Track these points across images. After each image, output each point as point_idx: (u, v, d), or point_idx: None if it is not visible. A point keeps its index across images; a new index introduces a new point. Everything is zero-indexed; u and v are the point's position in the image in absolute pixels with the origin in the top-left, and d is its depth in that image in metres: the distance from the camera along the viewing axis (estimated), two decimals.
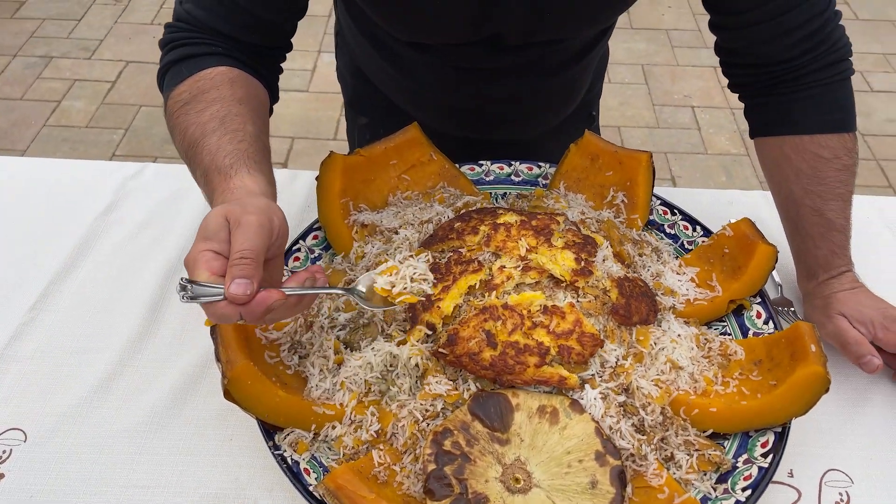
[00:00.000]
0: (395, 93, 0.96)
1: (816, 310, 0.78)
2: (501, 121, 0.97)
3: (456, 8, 0.73)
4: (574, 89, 0.98)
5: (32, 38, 2.57)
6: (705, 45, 2.64)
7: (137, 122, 2.26)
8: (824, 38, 0.75)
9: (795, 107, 0.77)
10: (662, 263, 0.76)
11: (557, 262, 0.66)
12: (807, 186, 0.77)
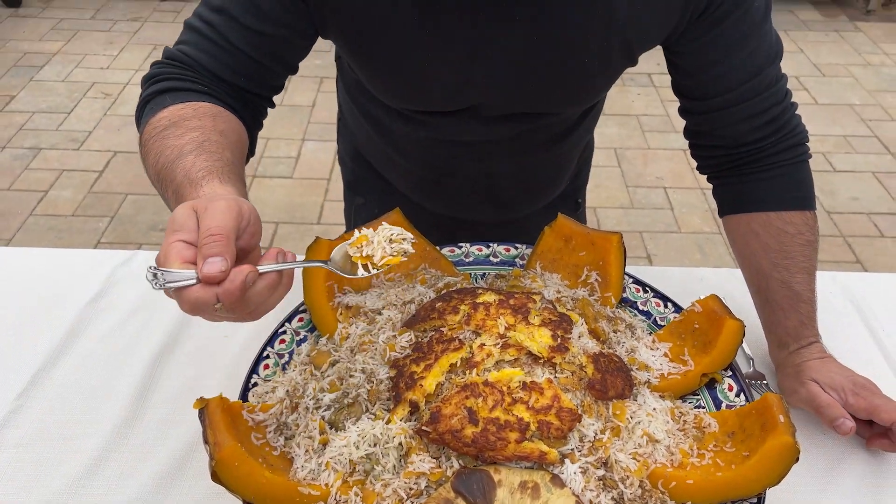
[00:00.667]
0: (390, 172, 1.02)
1: (789, 377, 0.81)
2: (489, 200, 1.01)
3: (438, 74, 0.78)
4: (560, 169, 1.03)
5: (22, 131, 2.64)
6: (674, 130, 2.76)
7: (123, 209, 2.30)
8: (784, 124, 0.83)
9: (761, 186, 0.84)
10: (636, 339, 0.79)
11: (535, 340, 0.69)
12: (774, 260, 0.82)
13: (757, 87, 0.80)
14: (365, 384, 0.68)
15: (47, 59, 3.08)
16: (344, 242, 0.65)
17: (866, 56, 3.27)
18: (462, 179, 0.97)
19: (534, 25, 0.75)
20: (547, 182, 1.04)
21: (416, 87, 0.81)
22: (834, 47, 3.35)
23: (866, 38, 3.43)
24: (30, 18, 3.40)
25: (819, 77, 3.11)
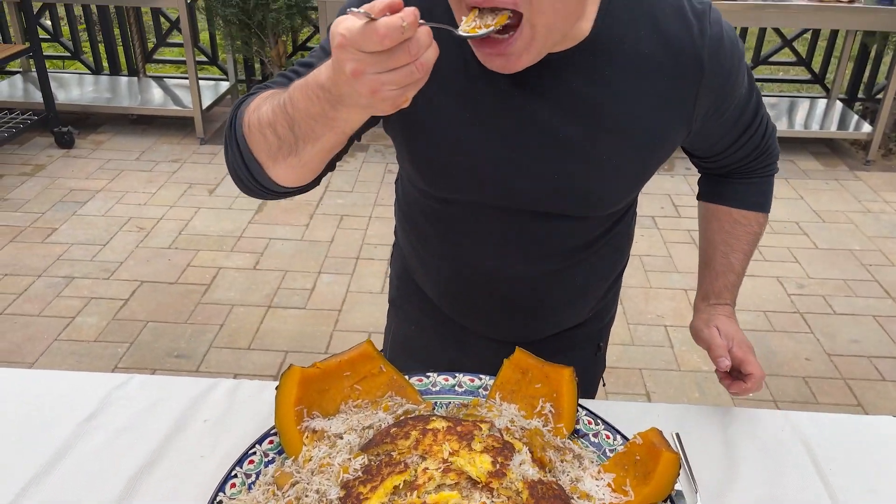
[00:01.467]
0: (427, 284, 1.11)
1: (700, 321, 1.09)
2: (517, 310, 1.07)
3: (475, 158, 0.89)
4: (588, 283, 1.07)
5: (59, 261, 2.82)
6: (676, 270, 2.84)
7: (143, 336, 2.42)
8: (763, 152, 1.05)
9: (734, 189, 1.09)
10: (583, 469, 0.84)
11: (475, 465, 0.74)
12: (724, 238, 1.09)
13: (742, 142, 1.01)
14: (310, 495, 0.74)
15: (91, 195, 3.34)
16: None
17: (866, 203, 3.38)
18: (487, 287, 1.04)
19: (563, 111, 0.86)
20: (577, 294, 1.08)
21: (456, 171, 0.91)
22: (834, 195, 3.47)
23: (866, 186, 3.57)
24: (80, 158, 3.71)
25: (819, 223, 3.21)
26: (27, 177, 3.50)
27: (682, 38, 0.85)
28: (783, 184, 3.58)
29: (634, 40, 0.85)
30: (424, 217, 1.04)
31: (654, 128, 0.88)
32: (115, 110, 4.02)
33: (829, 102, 4.22)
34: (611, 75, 0.85)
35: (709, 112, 0.91)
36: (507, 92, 0.85)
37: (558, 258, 1.01)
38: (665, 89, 0.86)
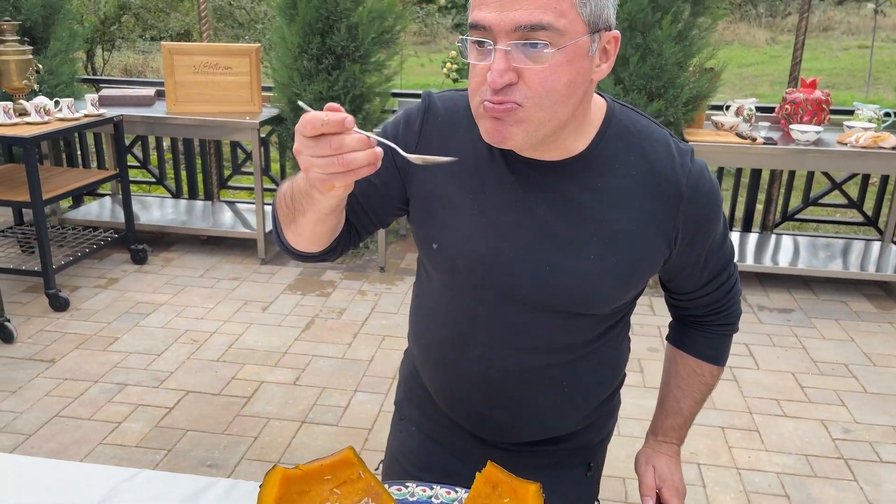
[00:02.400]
0: (430, 381, 1.19)
1: (643, 453, 1.25)
2: (505, 403, 1.11)
3: (476, 246, 1.01)
4: (576, 389, 1.12)
5: (115, 368, 3.00)
6: (714, 407, 2.79)
7: (181, 444, 2.51)
8: (724, 309, 1.17)
9: (695, 338, 1.20)
10: None
11: None
12: (679, 382, 1.22)
13: (709, 289, 1.13)
14: None
15: (155, 308, 3.57)
16: None
17: None
18: (481, 378, 1.10)
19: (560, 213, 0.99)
20: (564, 401, 1.13)
21: (464, 257, 1.02)
22: (887, 338, 3.38)
23: None
24: (150, 274, 3.99)
25: (870, 366, 3.12)
26: (101, 289, 3.78)
27: (666, 166, 0.99)
28: (833, 325, 3.51)
29: (624, 162, 0.99)
30: (432, 306, 1.14)
31: (638, 240, 0.99)
32: (188, 231, 4.35)
33: (884, 244, 4.18)
34: (601, 187, 0.98)
35: (685, 239, 1.02)
36: (512, 188, 0.99)
37: (546, 354, 1.07)
38: (649, 208, 0.98)
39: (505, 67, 0.84)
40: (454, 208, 1.01)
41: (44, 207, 3.40)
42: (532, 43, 0.83)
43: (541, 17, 0.82)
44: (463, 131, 1.01)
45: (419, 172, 1.03)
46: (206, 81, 4.06)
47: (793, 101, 3.83)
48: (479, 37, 0.86)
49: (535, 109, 0.87)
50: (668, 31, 3.45)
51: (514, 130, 0.88)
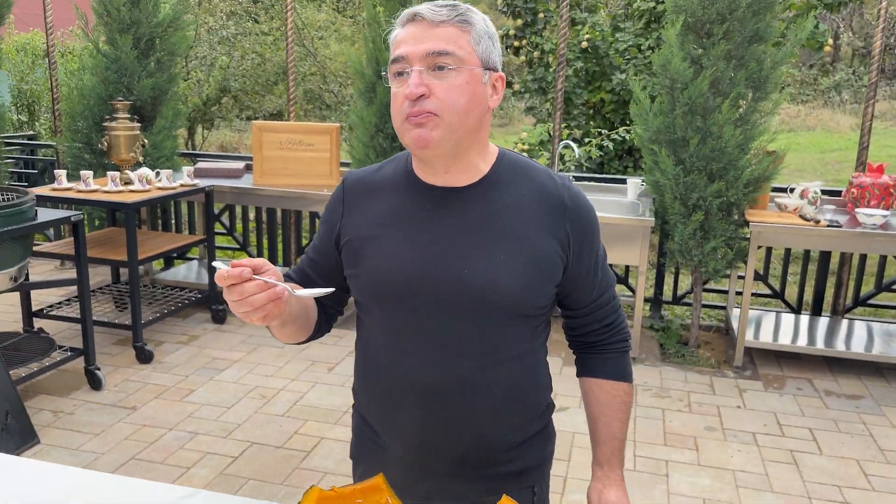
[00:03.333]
0: (374, 411, 1.31)
1: (594, 488, 1.33)
2: (442, 414, 1.21)
3: (402, 266, 1.19)
4: (504, 399, 1.22)
5: (189, 418, 3.21)
6: (771, 490, 2.73)
7: (242, 491, 2.65)
8: (614, 326, 1.33)
9: (599, 362, 1.34)
10: None
11: None
12: (601, 409, 1.33)
13: (600, 305, 1.31)
14: None
15: (229, 364, 3.79)
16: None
17: None
18: (416, 394, 1.21)
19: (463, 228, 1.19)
20: (488, 408, 1.22)
21: (393, 277, 1.20)
22: None
23: None
24: (227, 333, 4.25)
25: None
26: (182, 344, 4.05)
27: (550, 186, 1.23)
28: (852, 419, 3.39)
29: (517, 184, 1.22)
30: (367, 343, 1.29)
31: (538, 243, 1.19)
32: None
33: None
34: (502, 203, 1.20)
35: (575, 248, 1.22)
36: (428, 215, 1.20)
37: (474, 359, 1.19)
38: (544, 218, 1.20)
39: (419, 82, 1.10)
40: (378, 242, 1.22)
41: (138, 267, 3.73)
42: (440, 66, 1.10)
43: (445, 46, 1.11)
44: (387, 187, 1.26)
45: (346, 227, 1.26)
46: (289, 156, 4.40)
47: (859, 184, 3.82)
48: (399, 68, 1.13)
49: (446, 115, 1.11)
50: (727, 115, 3.56)
51: (433, 134, 1.11)
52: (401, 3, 4.15)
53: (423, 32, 1.12)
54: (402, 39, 1.14)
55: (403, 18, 1.16)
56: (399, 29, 1.16)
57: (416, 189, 1.23)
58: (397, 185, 1.25)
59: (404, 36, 1.14)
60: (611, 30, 7.12)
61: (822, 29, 6.38)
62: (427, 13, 1.13)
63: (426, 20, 1.13)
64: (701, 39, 3.69)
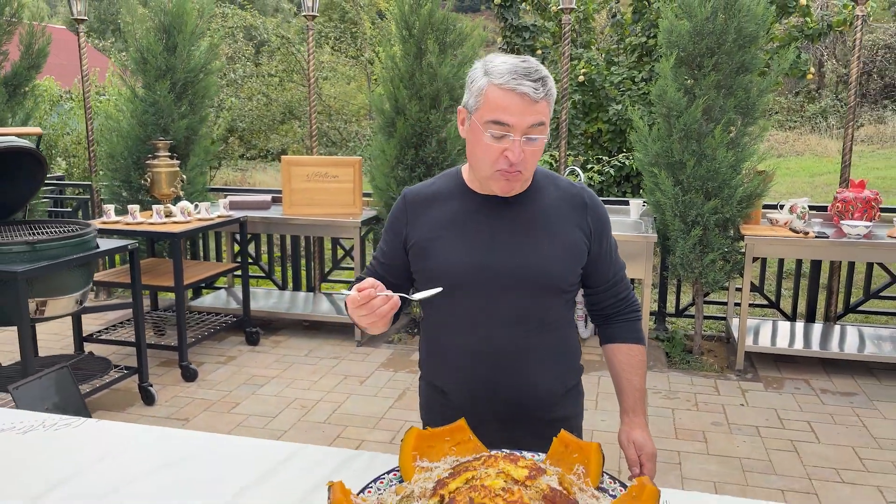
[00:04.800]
0: (447, 380, 1.60)
1: (623, 432, 1.60)
2: (504, 372, 1.53)
3: (463, 261, 1.50)
4: (547, 359, 1.56)
5: (238, 427, 3.48)
6: (774, 472, 3.01)
7: None
8: (626, 300, 1.66)
9: (617, 330, 1.65)
10: (596, 499, 1.24)
11: (518, 472, 1.18)
12: (623, 367, 1.63)
13: (616, 282, 1.63)
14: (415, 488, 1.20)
15: (268, 380, 4.08)
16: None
17: None
18: (483, 358, 1.54)
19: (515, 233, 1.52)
20: (537, 366, 1.55)
21: (457, 269, 1.51)
22: None
23: None
24: (262, 353, 4.53)
25: None
26: (221, 364, 4.34)
27: (571, 189, 1.57)
28: (892, 407, 3.68)
29: (548, 191, 1.55)
30: (434, 324, 1.61)
31: (568, 234, 1.53)
32: (294, 317, 4.92)
33: None
34: (540, 205, 1.53)
35: (595, 236, 1.56)
36: (483, 220, 1.53)
37: (527, 327, 1.53)
38: (571, 215, 1.54)
39: (521, 152, 1.39)
40: (442, 241, 1.52)
41: (184, 291, 4.04)
42: (532, 136, 1.39)
43: (541, 118, 1.38)
44: (443, 195, 1.57)
45: (412, 232, 1.56)
46: (316, 188, 4.74)
47: (843, 199, 4.17)
48: (502, 131, 1.38)
49: (527, 173, 1.45)
50: (719, 138, 3.92)
51: (516, 186, 1.47)
52: (416, 46, 4.53)
53: (526, 108, 1.35)
54: (506, 108, 1.35)
55: (505, 82, 1.35)
56: (496, 87, 1.36)
57: (471, 198, 1.55)
58: (452, 195, 1.56)
59: (508, 105, 1.35)
60: (605, 64, 7.55)
61: (804, 58, 6.80)
62: (531, 92, 1.34)
63: (529, 96, 1.34)
64: (693, 71, 4.07)
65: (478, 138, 1.42)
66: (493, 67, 1.39)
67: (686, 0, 4.01)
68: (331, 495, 1.17)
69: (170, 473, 1.47)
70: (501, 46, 7.84)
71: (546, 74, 1.39)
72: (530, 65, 1.38)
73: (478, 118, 1.41)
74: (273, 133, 14.29)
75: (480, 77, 1.41)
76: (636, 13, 7.39)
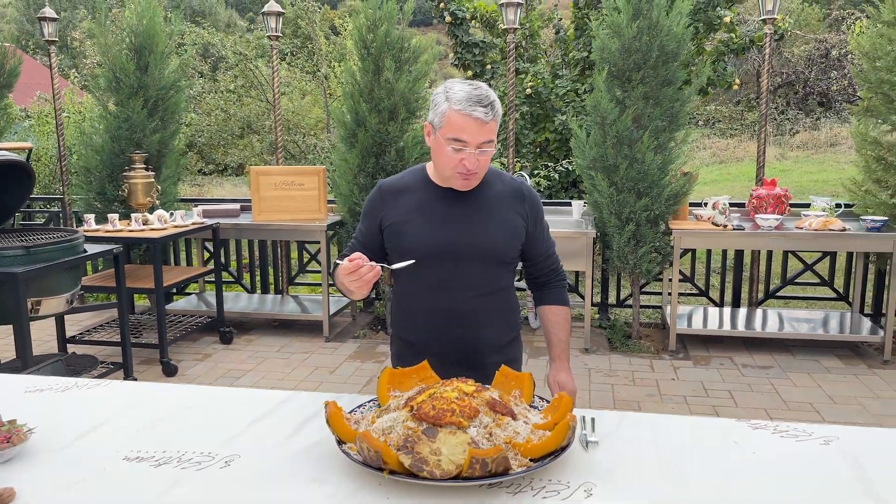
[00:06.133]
0: (416, 335, 2.00)
1: (551, 375, 2.01)
2: (462, 327, 1.94)
3: (431, 234, 1.89)
4: (496, 319, 1.98)
5: None
6: None
7: None
8: (555, 271, 2.08)
9: (551, 295, 2.06)
10: (527, 410, 1.64)
11: (468, 388, 1.58)
12: (553, 325, 2.03)
13: (548, 259, 2.04)
14: (391, 404, 1.59)
15: (244, 373, 4.40)
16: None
17: (877, 391, 3.93)
18: (444, 315, 1.94)
19: (469, 217, 1.91)
20: (488, 323, 1.97)
21: (422, 244, 1.89)
22: (850, 386, 4.04)
23: (881, 380, 4.11)
24: (236, 350, 4.85)
25: (830, 404, 3.78)
26: (199, 361, 4.64)
27: (512, 183, 1.97)
28: (805, 377, 4.19)
29: (495, 184, 1.95)
30: (405, 290, 2.01)
31: (511, 218, 1.92)
32: (265, 316, 5.25)
33: (853, 315, 4.88)
34: (489, 195, 1.92)
35: (531, 220, 1.96)
36: (444, 207, 1.91)
37: (483, 291, 1.94)
38: (513, 203, 1.95)
39: (475, 162, 1.79)
40: (412, 224, 1.91)
41: (163, 293, 4.34)
42: (484, 149, 1.78)
43: (491, 136, 1.78)
44: (411, 187, 1.95)
45: (387, 216, 1.94)
46: (284, 196, 5.09)
47: (758, 196, 4.70)
48: (459, 146, 1.77)
49: (480, 174, 1.85)
50: (647, 143, 4.40)
51: (472, 183, 1.86)
52: (374, 63, 4.93)
53: (479, 129, 1.74)
54: (463, 129, 1.74)
55: (462, 108, 1.73)
56: (455, 112, 1.74)
57: (434, 190, 1.95)
58: (419, 187, 1.96)
59: (464, 126, 1.74)
60: (551, 77, 8.06)
61: (729, 71, 7.41)
62: (483, 116, 1.73)
63: (481, 120, 1.73)
64: (623, 84, 4.56)
65: (441, 149, 1.82)
66: (452, 94, 1.77)
67: (615, 21, 4.50)
68: (327, 410, 1.55)
69: (191, 414, 1.82)
70: (453, 62, 8.29)
71: (494, 99, 1.79)
72: (482, 92, 1.78)
73: (441, 134, 1.80)
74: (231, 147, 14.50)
75: (443, 102, 1.78)
76: (578, 29, 7.94)
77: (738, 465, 1.51)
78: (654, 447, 1.59)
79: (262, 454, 1.59)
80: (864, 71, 4.56)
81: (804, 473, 1.47)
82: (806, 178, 12.97)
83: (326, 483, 1.46)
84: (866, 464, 1.50)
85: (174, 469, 1.53)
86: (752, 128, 20.77)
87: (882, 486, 1.40)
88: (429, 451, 1.42)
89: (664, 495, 1.39)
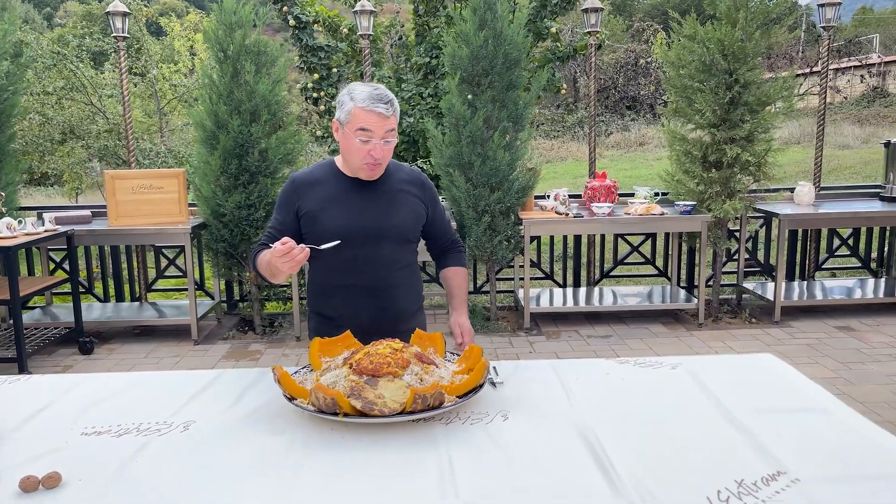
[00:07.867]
0: (331, 310, 2.24)
1: (452, 318, 2.27)
2: (375, 298, 2.20)
3: (346, 218, 2.13)
4: (404, 293, 2.26)
5: None
6: None
7: None
8: (454, 243, 2.40)
9: (452, 259, 2.36)
10: (445, 361, 1.94)
11: (395, 346, 1.85)
12: (453, 282, 2.33)
13: (447, 233, 2.37)
14: (331, 364, 1.83)
15: None
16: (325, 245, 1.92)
17: (696, 349, 4.65)
18: (357, 291, 2.20)
19: (376, 202, 2.17)
20: (398, 297, 2.25)
21: (336, 229, 2.11)
22: (672, 346, 4.74)
23: (698, 340, 4.86)
24: (100, 360, 4.71)
25: None
26: (59, 374, 4.46)
27: (413, 173, 2.27)
28: (639, 342, 4.84)
29: (397, 175, 2.21)
30: (323, 269, 2.24)
31: (414, 205, 2.20)
32: (126, 324, 5.12)
33: (672, 287, 5.68)
34: (392, 184, 2.19)
35: (429, 205, 2.26)
36: (356, 193, 2.16)
37: (393, 267, 2.21)
38: (414, 191, 2.22)
39: (381, 150, 2.03)
40: (326, 211, 2.12)
41: (20, 304, 4.15)
42: (388, 140, 2.03)
43: (392, 126, 2.03)
44: (323, 179, 2.17)
45: (302, 205, 2.14)
46: (142, 199, 5.00)
47: (592, 187, 5.33)
48: (366, 136, 2.00)
49: (385, 164, 2.10)
50: (498, 142, 4.87)
51: (377, 172, 2.11)
52: (232, 67, 5.00)
53: (382, 121, 1.98)
54: (366, 120, 1.97)
55: (366, 105, 1.97)
56: (360, 109, 1.97)
57: (344, 180, 2.19)
58: (329, 179, 2.19)
59: (368, 119, 1.97)
60: (395, 80, 8.41)
61: (558, 77, 8.18)
62: (384, 111, 1.97)
63: (383, 114, 1.97)
64: (473, 88, 4.99)
65: (350, 143, 2.06)
66: (356, 94, 2.01)
67: (464, 30, 4.92)
68: (275, 373, 1.76)
69: (128, 395, 1.93)
70: (299, 66, 8.40)
71: (392, 98, 2.06)
72: (381, 92, 2.04)
73: (349, 129, 2.04)
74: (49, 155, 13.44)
75: (348, 101, 2.02)
76: (419, 35, 8.36)
77: (613, 389, 1.91)
78: (545, 383, 1.96)
79: (215, 417, 1.76)
80: (670, 77, 5.32)
81: (663, 389, 1.90)
82: (621, 175, 14.39)
83: (283, 433, 1.67)
84: (703, 378, 1.96)
85: (136, 437, 1.67)
86: (572, 129, 22.52)
87: (716, 391, 1.86)
88: (374, 395, 1.67)
89: (562, 413, 1.75)
